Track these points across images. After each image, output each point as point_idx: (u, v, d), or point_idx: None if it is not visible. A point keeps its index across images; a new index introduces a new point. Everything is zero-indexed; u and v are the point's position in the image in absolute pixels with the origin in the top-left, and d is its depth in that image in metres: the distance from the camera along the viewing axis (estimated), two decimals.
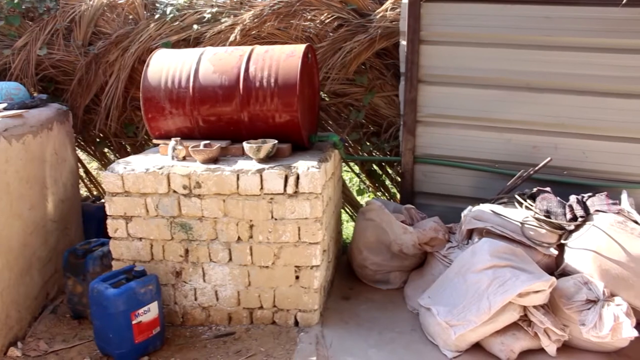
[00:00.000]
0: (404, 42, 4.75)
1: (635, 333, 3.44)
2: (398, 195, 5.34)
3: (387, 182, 5.66)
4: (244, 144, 3.74)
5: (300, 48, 4.00)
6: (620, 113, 4.45)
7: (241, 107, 3.91)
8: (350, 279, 4.64)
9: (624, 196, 4.24)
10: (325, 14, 5.07)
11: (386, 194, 5.67)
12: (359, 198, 5.71)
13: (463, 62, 4.67)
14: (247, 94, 3.89)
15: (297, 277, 3.74)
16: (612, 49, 4.38)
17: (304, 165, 3.59)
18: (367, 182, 5.76)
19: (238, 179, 3.60)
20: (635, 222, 4.00)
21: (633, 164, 4.51)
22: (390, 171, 5.56)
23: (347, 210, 5.71)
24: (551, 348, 3.53)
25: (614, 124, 4.48)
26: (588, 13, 4.36)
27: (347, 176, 6.43)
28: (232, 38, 5.02)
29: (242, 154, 3.84)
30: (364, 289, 4.49)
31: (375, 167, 5.58)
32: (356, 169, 5.82)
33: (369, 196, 5.73)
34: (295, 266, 3.72)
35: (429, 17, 4.67)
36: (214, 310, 3.89)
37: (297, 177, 3.55)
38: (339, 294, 4.38)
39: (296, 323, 3.85)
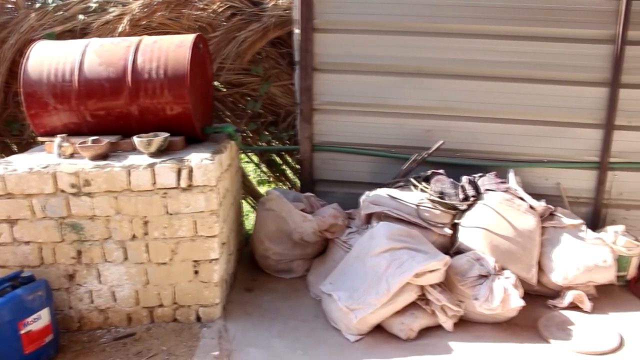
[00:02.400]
0: (297, 31, 4.74)
1: (522, 303, 3.65)
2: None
3: (288, 171, 5.67)
4: (134, 138, 3.61)
5: (190, 38, 3.90)
6: (505, 96, 4.69)
7: (130, 100, 3.77)
8: (254, 270, 4.61)
9: (511, 175, 4.48)
10: (218, 3, 4.99)
11: (287, 183, 5.68)
12: (260, 188, 5.68)
13: (357, 49, 4.73)
14: (136, 86, 3.76)
15: (196, 272, 3.67)
16: (495, 35, 4.60)
17: (197, 158, 3.51)
18: (268, 172, 5.74)
19: (129, 174, 3.47)
20: (521, 198, 4.24)
21: (518, 144, 4.78)
22: (290, 160, 5.57)
23: (249, 201, 5.67)
24: (448, 324, 3.67)
25: (500, 106, 4.71)
26: (472, 1, 4.54)
27: (251, 167, 6.37)
28: (120, 29, 4.83)
29: (134, 149, 3.69)
30: (267, 279, 4.48)
31: (274, 156, 5.57)
32: (256, 159, 5.77)
33: (270, 186, 5.71)
34: (194, 261, 3.65)
35: (321, 5, 4.68)
36: (112, 311, 3.74)
37: (190, 170, 3.47)
38: (242, 286, 4.34)
39: (198, 319, 3.78)
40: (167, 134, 3.65)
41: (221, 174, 3.75)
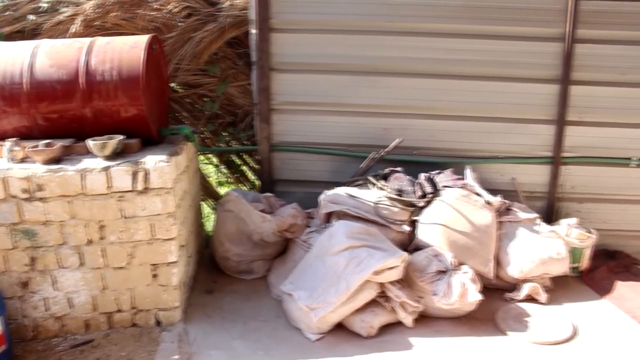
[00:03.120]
0: (254, 31, 4.72)
1: (479, 297, 3.72)
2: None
3: (248, 171, 5.64)
4: (88, 141, 3.54)
5: (144, 39, 3.85)
6: (461, 93, 4.77)
7: (83, 103, 3.70)
8: (214, 272, 4.57)
9: (468, 171, 4.55)
10: (173, 3, 4.93)
11: (247, 184, 5.65)
12: (220, 190, 5.64)
13: (313, 49, 4.75)
14: (89, 88, 3.68)
15: (154, 276, 3.62)
16: (450, 33, 4.68)
17: (153, 160, 3.46)
18: (228, 173, 5.70)
19: (83, 178, 3.40)
20: (478, 194, 4.32)
21: (474, 141, 4.86)
22: (249, 161, 5.54)
23: (209, 203, 5.62)
24: (408, 320, 3.71)
25: (456, 104, 4.79)
26: (427, 0, 4.60)
27: (210, 168, 6.32)
28: (72, 29, 4.73)
29: (88, 153, 3.61)
30: (228, 280, 4.45)
31: (233, 157, 5.53)
32: (216, 160, 5.73)
33: (230, 187, 5.67)
34: (152, 264, 3.60)
35: (277, 5, 4.67)
36: (68, 319, 3.66)
37: (146, 173, 3.42)
38: (203, 288, 4.30)
39: (158, 323, 3.73)
40: (122, 137, 3.59)
41: (178, 175, 3.71)
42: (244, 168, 5.61)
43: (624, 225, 5.01)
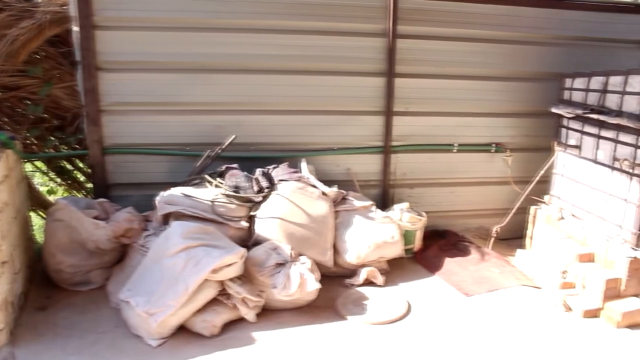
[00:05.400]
0: (76, 28, 4.47)
1: (318, 286, 3.85)
2: None
3: (81, 177, 5.34)
4: None
5: None
6: (292, 88, 4.90)
7: None
8: (48, 286, 4.26)
9: (303, 164, 4.68)
10: None
11: (82, 191, 5.36)
12: (51, 198, 5.29)
13: (142, 47, 4.62)
14: None
15: None
16: (280, 30, 4.78)
17: None
18: (59, 180, 5.36)
19: None
20: (314, 186, 4.44)
21: (309, 134, 5.02)
22: (82, 166, 5.25)
23: (40, 213, 5.25)
24: (250, 315, 3.74)
25: (288, 98, 4.91)
26: None
27: (40, 176, 5.90)
28: None
29: None
30: (63, 294, 4.17)
31: (64, 163, 5.22)
32: (44, 167, 5.36)
33: (63, 195, 5.35)
34: None
35: (100, 2, 4.47)
36: None
37: None
38: (35, 306, 4.00)
39: None
40: None
41: None
42: (77, 174, 5.30)
43: (451, 206, 5.45)
